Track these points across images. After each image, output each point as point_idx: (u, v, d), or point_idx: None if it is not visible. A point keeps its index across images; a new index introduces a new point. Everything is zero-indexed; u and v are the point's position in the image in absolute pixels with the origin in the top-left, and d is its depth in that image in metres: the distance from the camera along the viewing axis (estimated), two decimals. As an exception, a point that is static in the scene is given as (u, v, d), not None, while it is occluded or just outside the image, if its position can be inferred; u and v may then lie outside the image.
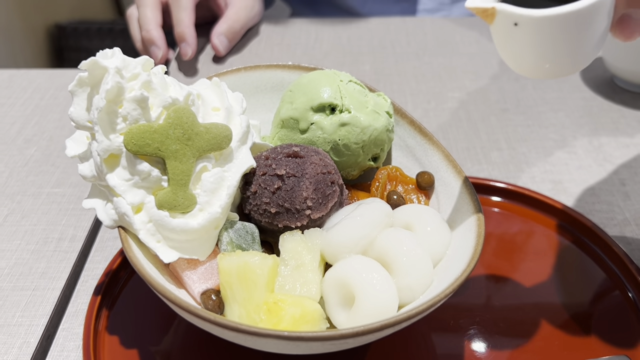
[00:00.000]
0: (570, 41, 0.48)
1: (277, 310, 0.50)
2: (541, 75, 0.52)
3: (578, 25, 0.47)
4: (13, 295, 0.67)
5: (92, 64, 0.52)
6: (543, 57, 0.49)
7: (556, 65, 0.50)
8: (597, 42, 0.49)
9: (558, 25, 0.46)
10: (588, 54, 0.50)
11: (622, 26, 0.49)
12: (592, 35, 0.48)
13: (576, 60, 0.50)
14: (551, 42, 0.48)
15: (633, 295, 0.65)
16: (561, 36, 0.47)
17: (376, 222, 0.56)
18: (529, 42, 0.48)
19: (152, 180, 0.53)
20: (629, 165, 0.84)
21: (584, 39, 0.48)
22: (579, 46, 0.49)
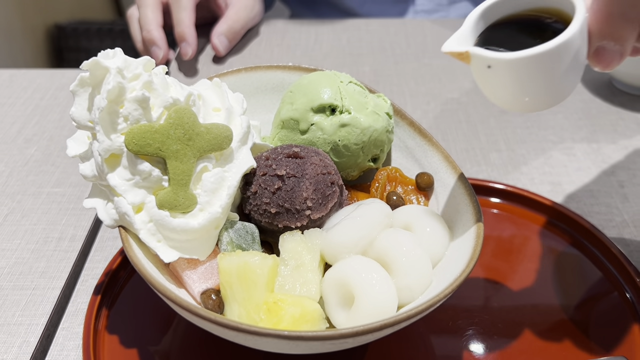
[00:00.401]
0: (544, 78, 0.49)
1: (277, 309, 0.50)
2: (522, 110, 0.54)
3: (549, 64, 0.48)
4: (13, 295, 0.67)
5: (94, 64, 0.53)
6: (520, 94, 0.51)
7: (535, 101, 0.52)
8: (573, 76, 0.51)
9: (529, 66, 0.48)
10: (566, 87, 0.51)
11: (598, 57, 0.50)
12: (566, 70, 0.49)
13: (554, 94, 0.52)
14: (525, 81, 0.49)
15: (631, 297, 0.65)
16: (534, 75, 0.49)
17: (376, 222, 0.56)
18: (504, 81, 0.50)
19: (152, 180, 0.53)
20: (627, 167, 0.84)
21: (558, 75, 0.49)
22: (554, 82, 0.50)
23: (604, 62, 0.50)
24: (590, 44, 0.49)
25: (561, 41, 0.47)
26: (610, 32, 0.48)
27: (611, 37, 0.48)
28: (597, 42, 0.49)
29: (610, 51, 0.49)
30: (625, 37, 0.48)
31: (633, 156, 0.86)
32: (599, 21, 0.48)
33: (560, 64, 0.48)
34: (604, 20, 0.48)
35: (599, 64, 0.50)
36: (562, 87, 0.51)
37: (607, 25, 0.48)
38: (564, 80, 0.50)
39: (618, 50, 0.49)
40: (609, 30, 0.48)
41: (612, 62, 0.49)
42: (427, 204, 0.63)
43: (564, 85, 0.51)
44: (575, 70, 0.50)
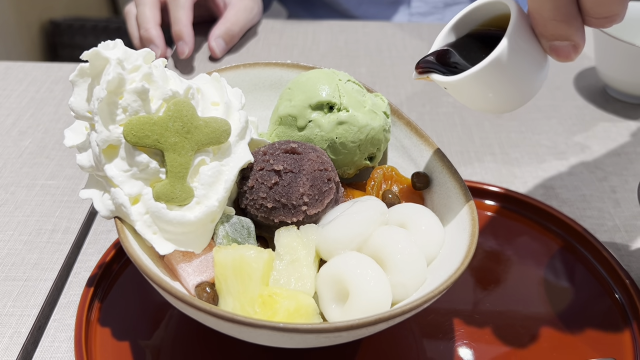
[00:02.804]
0: (496, 88, 0.52)
1: (272, 303, 0.50)
2: (495, 112, 0.59)
3: (491, 78, 0.51)
4: (5, 285, 0.67)
5: (94, 54, 0.53)
6: (483, 103, 0.55)
7: (501, 106, 0.55)
8: (531, 74, 0.52)
9: (473, 84, 0.52)
10: (528, 86, 0.53)
11: (554, 54, 0.51)
12: (518, 73, 0.51)
13: (518, 95, 0.54)
14: (479, 94, 0.53)
15: (621, 299, 0.66)
16: (484, 89, 0.52)
17: (371, 219, 0.56)
18: (462, 96, 0.55)
19: (150, 172, 0.53)
20: (619, 173, 0.85)
21: (509, 81, 0.52)
22: (509, 88, 0.52)
23: (562, 57, 0.51)
24: (542, 43, 0.51)
25: (492, 58, 0.49)
26: (551, 34, 0.50)
27: (554, 37, 0.50)
28: (545, 42, 0.51)
29: (562, 47, 0.50)
30: (567, 34, 0.49)
31: (625, 163, 0.87)
32: (537, 25, 0.50)
33: (504, 74, 0.50)
34: (540, 24, 0.50)
35: (559, 59, 0.51)
36: (523, 88, 0.53)
37: (544, 28, 0.50)
38: (522, 82, 0.52)
39: (569, 45, 0.50)
40: (548, 33, 0.50)
41: (570, 55, 0.50)
42: (423, 203, 0.64)
43: (524, 86, 0.53)
44: (532, 67, 0.52)
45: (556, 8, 0.48)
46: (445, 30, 0.57)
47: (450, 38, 0.57)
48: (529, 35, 0.51)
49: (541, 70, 0.53)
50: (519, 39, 0.50)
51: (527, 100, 0.55)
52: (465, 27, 0.57)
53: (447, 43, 0.57)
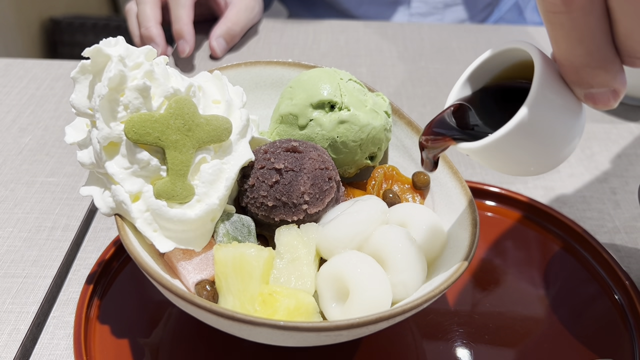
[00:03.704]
0: (533, 148, 0.45)
1: (272, 301, 0.50)
2: (533, 174, 0.50)
3: (527, 135, 0.43)
4: (4, 282, 0.66)
5: (96, 51, 0.53)
6: (518, 167, 0.48)
7: (540, 166, 0.47)
8: (567, 128, 0.45)
9: (506, 146, 0.44)
10: (567, 140, 0.45)
11: (592, 102, 0.43)
12: (552, 130, 0.44)
13: (557, 151, 0.46)
14: (514, 157, 0.45)
15: (620, 300, 0.66)
16: (519, 150, 0.45)
17: (372, 218, 0.56)
18: (493, 162, 0.48)
19: (151, 170, 0.53)
20: (619, 174, 0.85)
21: (547, 138, 0.44)
22: (548, 144, 0.45)
23: (600, 104, 0.43)
24: (575, 91, 0.43)
25: (520, 118, 0.42)
26: (586, 82, 0.42)
27: (590, 85, 0.42)
28: (579, 90, 0.43)
29: (600, 94, 0.42)
30: (604, 81, 0.42)
31: (625, 164, 0.87)
32: (568, 74, 0.43)
33: (535, 134, 0.43)
34: (571, 73, 0.42)
35: (597, 107, 0.43)
36: (560, 144, 0.45)
37: (577, 77, 0.42)
38: (557, 138, 0.44)
39: (607, 91, 0.42)
40: (582, 82, 0.42)
41: (609, 101, 0.43)
42: (423, 202, 0.64)
43: (561, 141, 0.45)
44: (564, 123, 0.44)
45: (589, 53, 0.40)
46: (460, 82, 0.50)
47: (465, 91, 0.50)
48: (558, 85, 0.43)
49: (577, 120, 0.45)
50: (547, 91, 0.42)
51: (567, 156, 0.47)
52: (481, 78, 0.50)
53: (462, 97, 0.50)
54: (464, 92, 0.50)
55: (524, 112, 0.42)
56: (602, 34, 0.40)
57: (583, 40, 0.40)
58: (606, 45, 0.40)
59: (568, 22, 0.39)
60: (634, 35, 0.39)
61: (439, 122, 0.49)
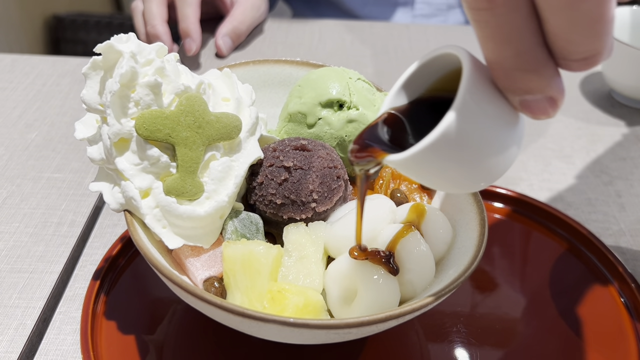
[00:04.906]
0: (461, 162, 0.40)
1: (281, 298, 0.50)
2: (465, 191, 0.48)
3: (453, 149, 0.39)
4: (10, 277, 0.67)
5: (108, 47, 0.53)
6: (446, 183, 0.45)
7: (471, 182, 0.44)
8: (501, 139, 0.41)
9: (429, 159, 0.40)
10: (502, 154, 0.41)
11: (528, 111, 0.39)
12: (483, 142, 0.40)
13: (490, 166, 0.42)
14: (439, 172, 0.42)
15: (626, 302, 0.66)
16: (445, 164, 0.41)
17: (380, 217, 0.56)
18: (419, 177, 0.44)
19: (161, 166, 0.53)
20: (625, 177, 0.85)
21: (477, 151, 0.40)
22: (479, 159, 0.40)
23: (537, 113, 0.39)
24: (509, 99, 0.40)
25: (442, 130, 0.38)
26: (519, 87, 0.38)
27: (523, 91, 0.38)
28: (513, 97, 0.39)
29: (535, 101, 0.39)
30: (539, 86, 0.38)
31: (631, 167, 0.87)
32: (499, 79, 0.39)
33: (462, 147, 0.39)
34: (502, 77, 0.38)
35: (535, 116, 0.40)
36: (493, 158, 0.41)
37: (508, 81, 0.38)
38: (490, 152, 0.40)
39: (543, 99, 0.38)
40: (515, 86, 0.38)
41: (547, 110, 0.39)
42: (431, 202, 0.64)
43: (494, 155, 0.41)
44: (497, 134, 0.40)
45: (518, 55, 0.37)
46: (393, 92, 0.45)
47: (400, 101, 0.45)
48: (490, 92, 0.39)
49: (512, 131, 0.41)
50: (476, 98, 0.38)
51: (503, 169, 0.42)
52: (416, 88, 0.46)
53: (396, 107, 0.45)
54: (398, 102, 0.46)
55: (448, 122, 0.38)
56: (531, 33, 0.36)
57: (510, 40, 0.36)
58: (537, 46, 0.37)
59: (493, 19, 0.36)
60: (563, 34, 0.35)
61: (369, 133, 0.45)
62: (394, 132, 0.45)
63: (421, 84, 0.45)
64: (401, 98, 0.45)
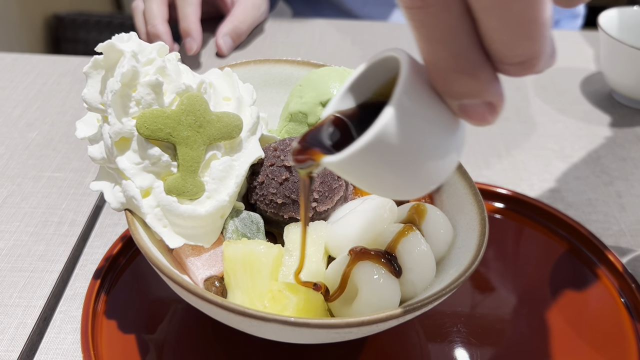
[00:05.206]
0: (395, 168, 0.39)
1: (281, 298, 0.50)
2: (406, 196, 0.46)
3: (386, 153, 0.38)
4: (11, 276, 0.67)
5: (109, 46, 0.53)
6: (382, 188, 0.43)
7: (407, 189, 0.42)
8: (438, 145, 0.39)
9: (362, 163, 0.39)
10: (439, 160, 0.40)
11: (467, 114, 0.38)
12: (418, 148, 0.38)
13: (427, 173, 0.40)
14: (373, 177, 0.40)
15: (626, 302, 0.66)
16: (379, 169, 0.39)
17: (381, 217, 0.56)
18: (356, 178, 0.42)
19: (161, 165, 0.54)
20: (625, 178, 0.85)
21: (413, 157, 0.39)
22: (414, 165, 0.39)
23: (475, 119, 0.38)
24: (448, 103, 0.38)
25: (375, 133, 0.36)
26: (455, 91, 0.37)
27: (460, 95, 0.37)
28: (452, 101, 0.38)
29: (472, 107, 0.37)
30: (475, 90, 0.37)
31: (631, 168, 0.87)
32: (436, 82, 0.37)
33: (396, 152, 0.38)
34: (438, 79, 0.37)
35: (473, 122, 0.38)
36: (430, 165, 0.40)
37: (444, 84, 0.37)
38: (426, 158, 0.39)
39: (481, 104, 0.37)
40: (451, 90, 0.37)
41: (485, 116, 0.38)
42: (431, 202, 0.64)
43: (431, 161, 0.40)
44: (434, 139, 0.39)
45: (453, 56, 0.35)
46: (340, 95, 0.44)
47: (347, 104, 0.44)
48: (429, 96, 0.38)
49: (451, 136, 0.40)
50: (411, 100, 0.37)
51: (442, 176, 0.41)
52: (363, 92, 0.44)
53: (342, 111, 0.44)
54: (345, 105, 0.44)
55: (382, 123, 0.36)
56: (466, 34, 0.35)
57: (444, 41, 0.35)
58: (472, 48, 0.35)
59: (427, 18, 0.35)
60: (496, 35, 0.34)
61: (312, 135, 0.44)
62: (338, 135, 0.44)
63: (368, 87, 0.44)
64: (348, 101, 0.44)
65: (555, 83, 1.08)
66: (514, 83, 1.06)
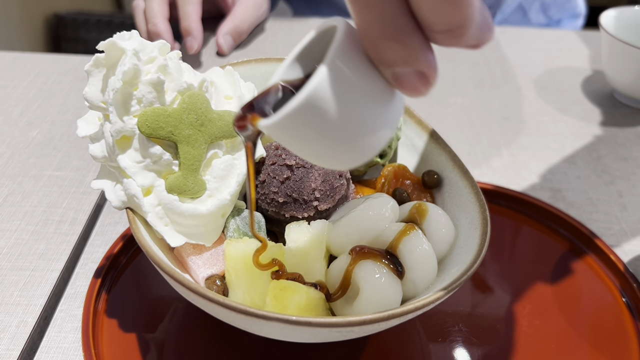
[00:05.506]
0: (325, 135, 0.39)
1: (283, 297, 0.50)
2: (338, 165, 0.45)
3: (315, 120, 0.37)
4: (12, 275, 0.66)
5: (110, 44, 0.53)
6: (314, 152, 0.42)
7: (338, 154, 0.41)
8: (371, 115, 0.39)
9: (292, 127, 0.39)
10: (372, 131, 0.40)
11: (399, 83, 0.38)
12: (349, 116, 0.38)
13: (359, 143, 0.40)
14: (304, 142, 0.40)
15: (627, 302, 0.66)
16: (308, 134, 0.39)
17: (382, 216, 0.56)
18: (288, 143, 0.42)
19: (163, 164, 0.53)
20: (626, 177, 0.85)
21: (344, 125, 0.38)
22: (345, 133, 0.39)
23: (407, 88, 0.38)
24: (383, 73, 0.38)
25: (302, 99, 0.36)
26: (386, 58, 0.37)
27: (392, 62, 0.37)
28: (386, 70, 0.38)
29: (404, 75, 0.37)
30: (405, 58, 0.36)
31: (633, 167, 0.87)
32: (368, 48, 0.37)
33: (325, 119, 0.37)
34: (369, 45, 0.37)
35: (406, 92, 0.38)
36: (362, 134, 0.39)
37: (375, 50, 0.37)
38: (358, 127, 0.39)
39: (412, 73, 0.37)
40: (382, 56, 0.37)
41: (417, 87, 0.37)
42: (433, 201, 0.64)
43: (363, 131, 0.39)
44: (366, 109, 0.39)
45: (382, 21, 0.35)
46: (285, 64, 0.44)
47: (294, 74, 0.44)
48: (364, 64, 0.38)
49: (386, 107, 0.39)
50: (347, 65, 0.37)
51: (373, 148, 0.41)
52: (310, 62, 0.44)
53: (288, 80, 0.44)
54: (292, 75, 0.44)
55: (313, 86, 0.36)
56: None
57: (373, 5, 0.35)
58: (400, 13, 0.35)
59: None
60: (422, 2, 0.34)
61: (257, 102, 0.44)
62: (282, 104, 0.43)
63: (314, 58, 0.43)
64: (295, 71, 0.44)
65: (557, 82, 1.08)
66: (515, 82, 1.06)
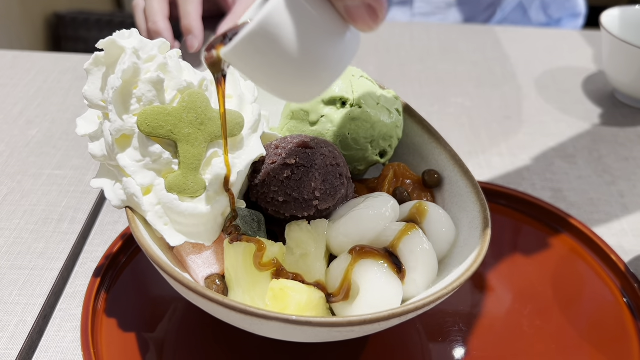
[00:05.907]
0: (277, 59, 0.40)
1: (283, 296, 0.50)
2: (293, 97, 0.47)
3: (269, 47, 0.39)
4: (11, 274, 0.66)
5: (110, 43, 0.52)
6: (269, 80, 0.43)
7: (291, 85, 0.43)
8: (323, 46, 0.41)
9: (248, 50, 0.40)
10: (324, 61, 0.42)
11: (351, 16, 0.40)
12: (300, 46, 0.40)
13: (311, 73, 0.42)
14: (259, 70, 0.42)
15: (628, 302, 0.66)
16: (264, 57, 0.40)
17: (383, 216, 0.56)
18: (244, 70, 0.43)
19: (162, 163, 0.53)
20: (627, 178, 0.85)
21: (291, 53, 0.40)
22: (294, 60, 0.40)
23: (358, 21, 0.40)
24: (336, 7, 0.41)
25: (255, 24, 0.38)
26: None
27: None
28: (337, 3, 0.40)
29: (354, 8, 0.40)
30: None
31: (634, 167, 0.87)
32: None
33: (278, 46, 0.39)
34: None
35: (357, 26, 0.41)
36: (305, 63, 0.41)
37: None
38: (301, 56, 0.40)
39: (361, 5, 0.39)
40: None
41: (366, 20, 0.40)
42: (434, 200, 0.63)
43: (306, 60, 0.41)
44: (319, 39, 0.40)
45: None
46: (256, 4, 0.46)
47: None
48: None
49: (340, 40, 0.41)
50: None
51: (325, 80, 0.43)
52: None
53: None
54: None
55: (264, 14, 0.38)
56: None
57: None
58: None
59: None
60: None
61: (226, 37, 0.46)
62: None
63: None
64: None
65: (557, 82, 1.08)
66: (516, 82, 1.06)
